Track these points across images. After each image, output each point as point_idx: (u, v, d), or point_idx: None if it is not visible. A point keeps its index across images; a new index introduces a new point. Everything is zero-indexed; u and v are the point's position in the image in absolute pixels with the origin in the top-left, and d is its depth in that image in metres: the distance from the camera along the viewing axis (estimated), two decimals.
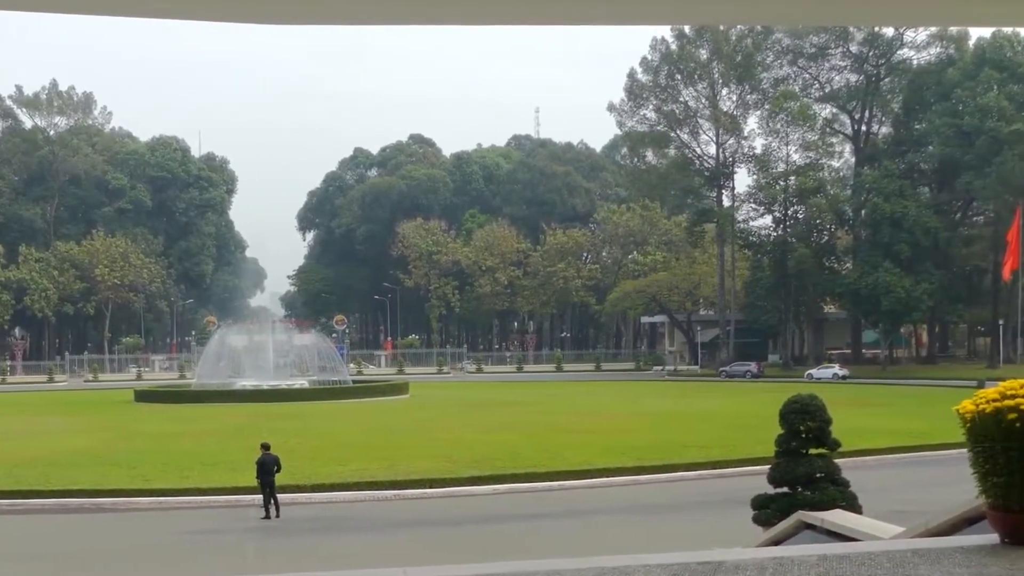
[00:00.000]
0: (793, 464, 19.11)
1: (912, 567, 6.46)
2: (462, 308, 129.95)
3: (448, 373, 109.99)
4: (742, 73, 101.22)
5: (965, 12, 7.22)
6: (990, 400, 7.14)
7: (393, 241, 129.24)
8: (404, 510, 27.72)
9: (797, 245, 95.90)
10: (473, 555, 19.99)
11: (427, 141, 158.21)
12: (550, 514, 26.90)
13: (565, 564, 6.64)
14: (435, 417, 51.97)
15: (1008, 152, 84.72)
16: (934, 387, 68.84)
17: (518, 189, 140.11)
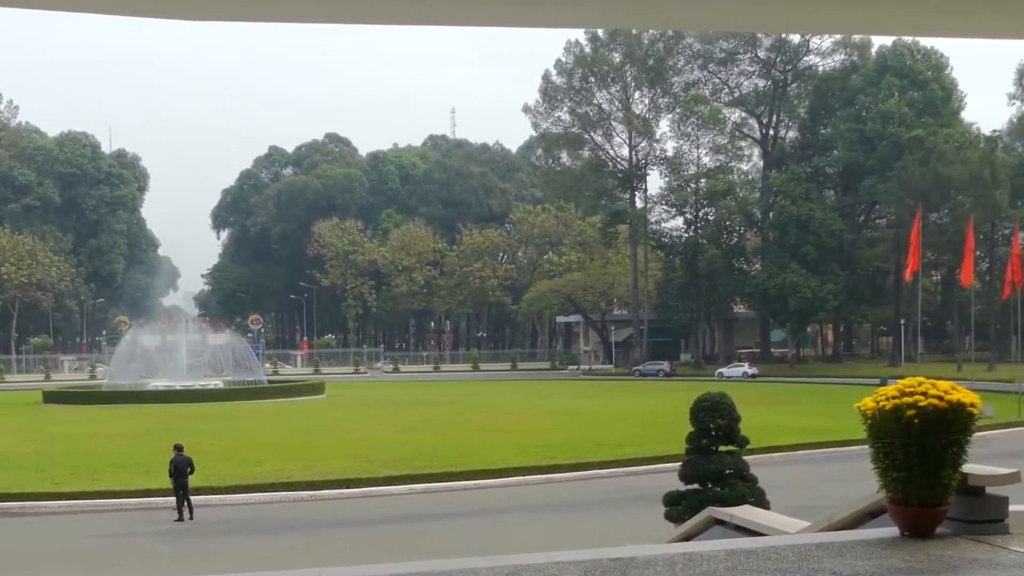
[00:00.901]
0: (703, 461, 19.45)
1: (816, 560, 6.66)
2: (379, 308, 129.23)
3: (365, 373, 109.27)
4: (654, 77, 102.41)
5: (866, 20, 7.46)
6: (890, 397, 7.39)
7: (309, 240, 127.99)
8: (320, 511, 27.51)
9: (708, 246, 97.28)
10: (389, 555, 19.95)
11: (343, 140, 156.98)
12: (466, 513, 26.94)
13: (480, 563, 6.70)
14: (352, 417, 51.63)
15: (908, 157, 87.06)
16: (839, 385, 70.28)
17: (434, 189, 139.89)
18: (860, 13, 6.91)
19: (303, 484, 29.45)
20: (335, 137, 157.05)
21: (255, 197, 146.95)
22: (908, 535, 7.34)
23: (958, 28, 7.82)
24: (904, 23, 9.28)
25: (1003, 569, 6.42)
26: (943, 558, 6.70)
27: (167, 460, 26.09)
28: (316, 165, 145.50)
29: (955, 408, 7.23)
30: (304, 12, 6.11)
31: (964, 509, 7.52)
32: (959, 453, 7.31)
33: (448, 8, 6.10)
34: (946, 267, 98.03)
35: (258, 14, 5.72)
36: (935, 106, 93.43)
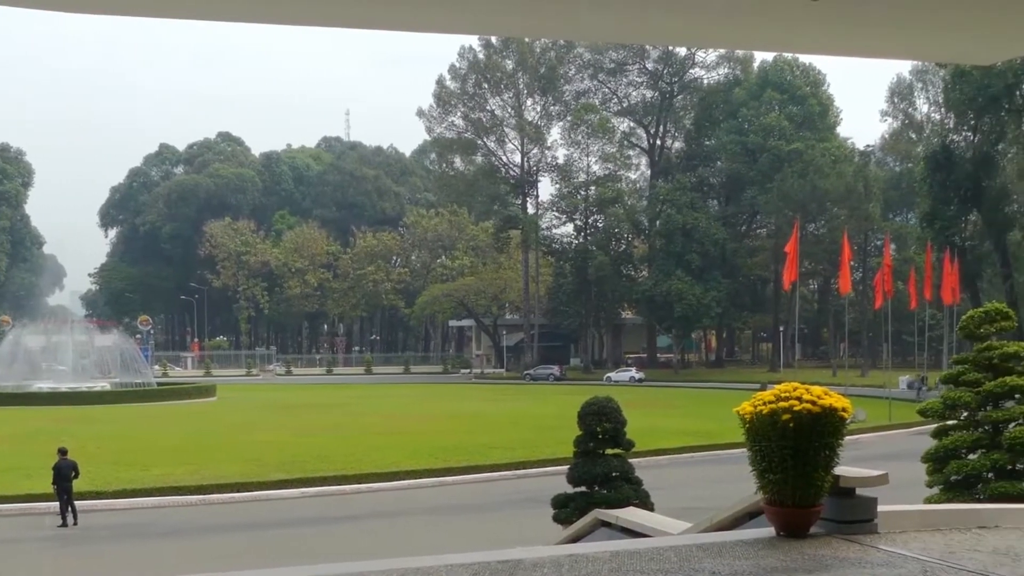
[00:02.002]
0: (591, 464, 19.67)
1: (697, 560, 6.82)
2: (271, 310, 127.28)
3: (257, 375, 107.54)
4: (546, 85, 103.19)
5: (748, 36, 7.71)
6: (766, 402, 7.60)
7: (200, 240, 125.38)
8: (210, 515, 26.99)
9: (597, 253, 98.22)
10: (280, 559, 19.73)
11: (236, 139, 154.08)
12: (358, 516, 26.75)
13: (370, 566, 6.70)
14: (243, 420, 50.74)
15: (787, 169, 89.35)
16: (722, 389, 71.53)
17: (328, 191, 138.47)
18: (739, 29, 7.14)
19: (192, 488, 28.84)
20: (228, 136, 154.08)
21: (145, 195, 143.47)
22: (784, 535, 7.57)
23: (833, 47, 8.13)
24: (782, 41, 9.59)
25: (871, 567, 6.66)
26: (816, 557, 6.91)
27: (51, 464, 25.29)
28: (208, 164, 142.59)
29: (827, 412, 7.48)
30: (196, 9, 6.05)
31: (836, 510, 7.78)
32: (831, 456, 7.56)
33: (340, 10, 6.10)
34: (822, 276, 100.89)
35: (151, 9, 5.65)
36: (813, 121, 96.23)
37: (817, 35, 7.03)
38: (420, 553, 7.49)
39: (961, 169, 69.97)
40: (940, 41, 7.37)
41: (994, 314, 19.79)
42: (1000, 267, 73.01)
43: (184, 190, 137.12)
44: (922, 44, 7.66)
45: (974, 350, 19.92)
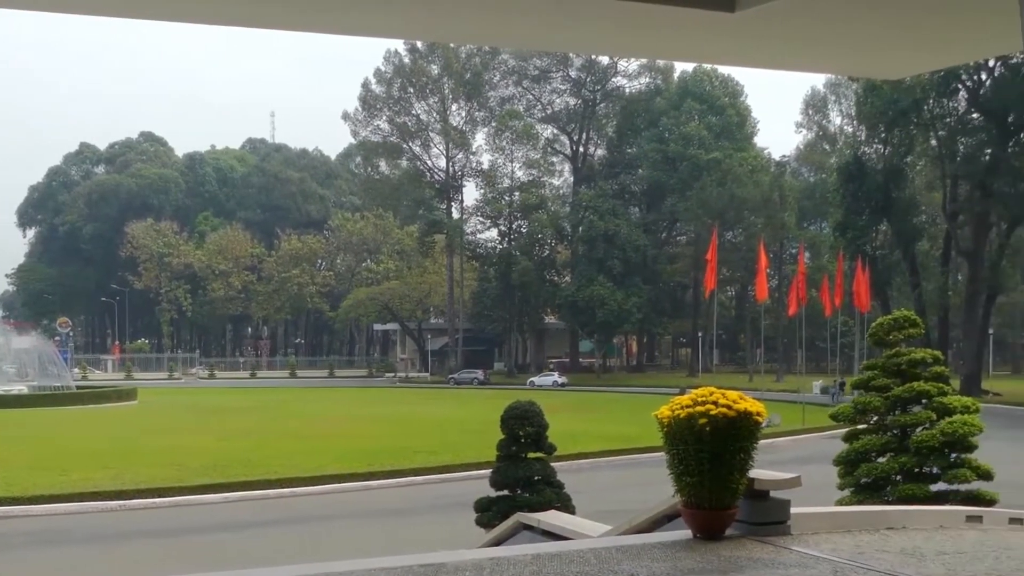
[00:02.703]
0: (513, 468, 19.71)
1: (616, 562, 6.91)
2: (194, 312, 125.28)
3: (180, 379, 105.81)
4: (471, 90, 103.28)
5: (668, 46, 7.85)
6: (684, 406, 7.72)
7: (122, 241, 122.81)
8: (130, 521, 26.47)
9: (521, 258, 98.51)
10: (201, 565, 19.43)
11: (158, 139, 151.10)
12: (282, 521, 26.47)
13: (292, 570, 6.67)
14: (165, 424, 49.84)
15: (706, 178, 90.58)
16: (642, 394, 71.98)
17: (253, 193, 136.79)
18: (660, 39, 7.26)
19: (111, 493, 28.25)
20: (150, 136, 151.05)
21: (65, 195, 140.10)
22: (700, 537, 7.69)
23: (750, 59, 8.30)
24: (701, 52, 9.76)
25: (784, 568, 6.80)
26: (731, 559, 7.03)
27: None
28: (130, 164, 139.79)
29: (742, 417, 7.62)
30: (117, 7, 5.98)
31: (751, 512, 7.92)
32: (746, 459, 7.70)
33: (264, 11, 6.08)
34: (740, 283, 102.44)
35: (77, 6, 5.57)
36: (731, 131, 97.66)
37: (734, 47, 7.18)
38: (344, 557, 7.47)
39: (872, 180, 71.55)
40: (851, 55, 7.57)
41: (902, 321, 20.30)
42: (909, 276, 74.85)
43: (105, 190, 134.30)
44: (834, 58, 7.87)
45: (883, 356, 20.39)
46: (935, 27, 6.41)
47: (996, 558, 7.56)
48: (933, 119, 71.40)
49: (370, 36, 7.49)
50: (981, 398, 52.45)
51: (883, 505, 16.45)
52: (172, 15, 5.89)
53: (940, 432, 18.94)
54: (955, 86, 69.02)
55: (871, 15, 6.09)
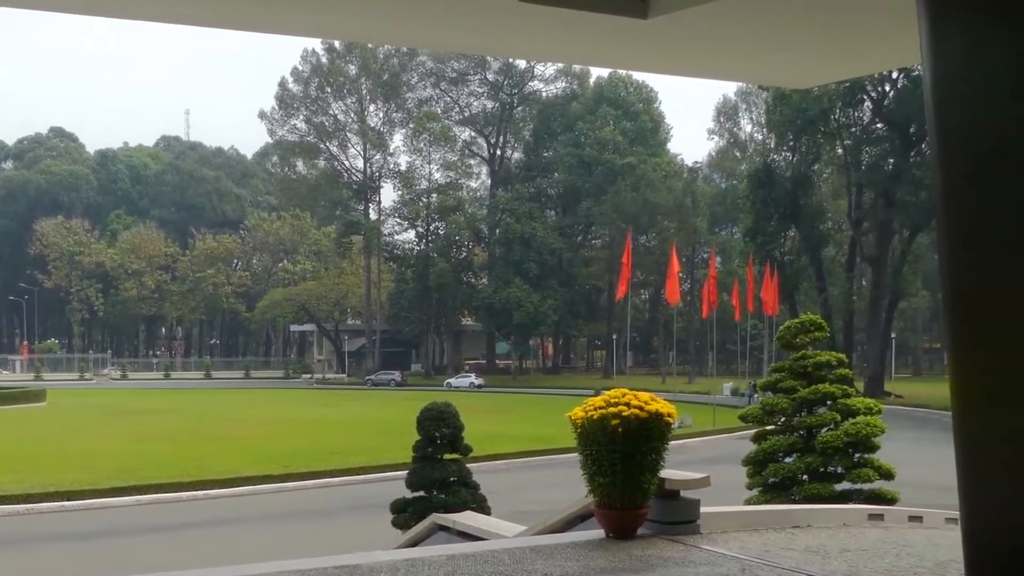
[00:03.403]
0: (429, 469, 19.69)
1: (530, 562, 6.93)
2: (106, 312, 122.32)
3: (91, 380, 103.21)
4: (389, 91, 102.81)
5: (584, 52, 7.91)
6: (597, 408, 7.78)
7: (31, 239, 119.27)
8: (38, 525, 25.78)
9: (438, 260, 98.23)
10: (111, 570, 19.03)
11: (69, 135, 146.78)
12: (195, 524, 26.01)
13: (204, 574, 6.55)
14: (75, 426, 48.62)
15: (621, 182, 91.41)
16: (558, 395, 72.17)
17: (167, 191, 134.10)
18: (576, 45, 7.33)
19: (19, 497, 27.47)
20: (60, 132, 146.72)
21: None
22: (613, 536, 7.75)
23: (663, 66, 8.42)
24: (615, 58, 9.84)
25: (694, 566, 6.89)
26: (643, 557, 7.10)
27: None
28: (39, 160, 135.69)
29: (654, 418, 7.70)
30: None
31: (662, 511, 8.01)
32: (657, 459, 7.78)
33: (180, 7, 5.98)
34: (653, 287, 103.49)
35: None
36: (645, 136, 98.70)
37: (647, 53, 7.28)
38: (257, 560, 7.37)
39: (781, 187, 72.91)
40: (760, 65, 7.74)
41: (809, 325, 20.74)
42: (815, 281, 76.47)
43: (13, 186, 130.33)
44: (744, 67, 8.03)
45: (790, 359, 20.79)
46: (840, 39, 6.58)
47: (896, 555, 7.77)
48: (839, 128, 73.09)
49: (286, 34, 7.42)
50: (884, 400, 53.77)
51: (790, 504, 16.77)
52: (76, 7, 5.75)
53: (844, 433, 19.39)
54: (860, 97, 70.80)
55: (779, 26, 6.22)
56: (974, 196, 3.12)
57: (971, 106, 3.10)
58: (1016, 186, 2.96)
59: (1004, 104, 3.00)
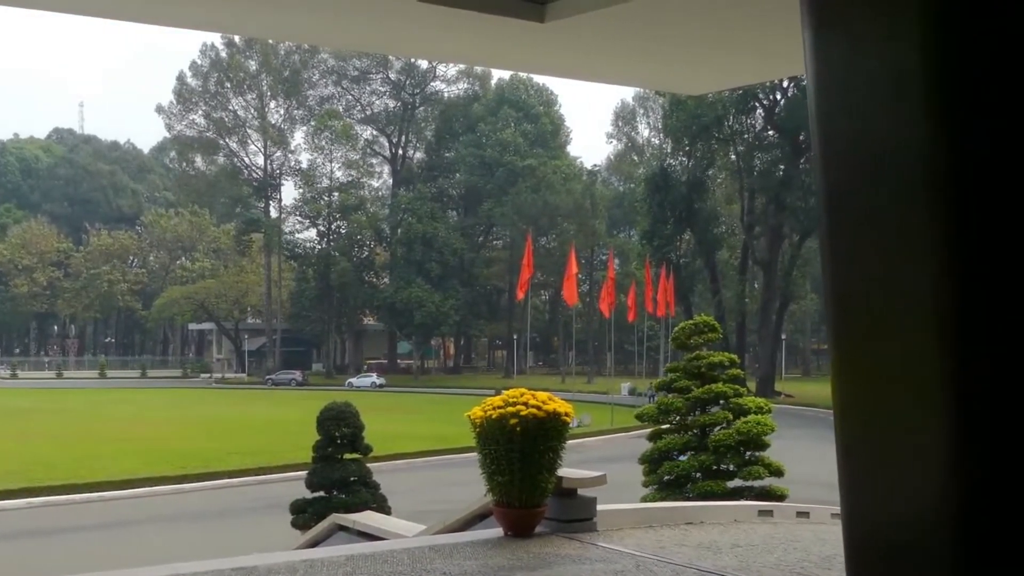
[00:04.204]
0: (329, 469, 19.52)
1: (429, 561, 6.92)
2: None
3: None
4: (290, 88, 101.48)
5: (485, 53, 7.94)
6: (495, 407, 7.82)
7: None
8: None
9: (340, 259, 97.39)
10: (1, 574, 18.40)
11: None
12: (88, 527, 25.31)
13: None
14: None
15: (522, 184, 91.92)
16: (460, 395, 72.21)
17: (60, 185, 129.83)
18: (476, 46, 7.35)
19: None
20: None
21: None
22: (511, 535, 7.79)
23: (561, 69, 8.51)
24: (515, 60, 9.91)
25: (590, 563, 6.97)
26: (540, 555, 7.15)
27: None
28: None
29: (551, 417, 7.77)
30: None
31: (559, 509, 8.09)
32: (555, 458, 7.86)
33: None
34: (553, 288, 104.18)
35: None
36: (545, 139, 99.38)
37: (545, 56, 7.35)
38: (153, 563, 7.20)
39: (677, 191, 74.12)
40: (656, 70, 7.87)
41: (702, 326, 21.15)
42: (710, 283, 77.92)
43: None
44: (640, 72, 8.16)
45: (685, 359, 21.17)
46: (732, 48, 6.72)
47: (784, 550, 7.97)
48: (733, 135, 74.62)
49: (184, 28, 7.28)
50: (774, 399, 55.06)
51: (684, 501, 17.06)
52: None
53: (736, 431, 19.82)
54: (753, 104, 72.42)
55: (673, 34, 6.34)
56: (855, 203, 3.20)
57: (852, 114, 3.18)
58: (895, 193, 3.05)
59: (885, 112, 3.08)
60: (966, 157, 2.95)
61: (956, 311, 2.93)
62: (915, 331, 3.01)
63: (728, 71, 7.79)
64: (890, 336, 3.09)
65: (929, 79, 2.98)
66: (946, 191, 2.96)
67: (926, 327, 2.99)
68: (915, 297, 3.01)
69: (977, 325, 2.94)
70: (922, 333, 3.00)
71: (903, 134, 3.04)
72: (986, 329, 2.93)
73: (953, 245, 2.96)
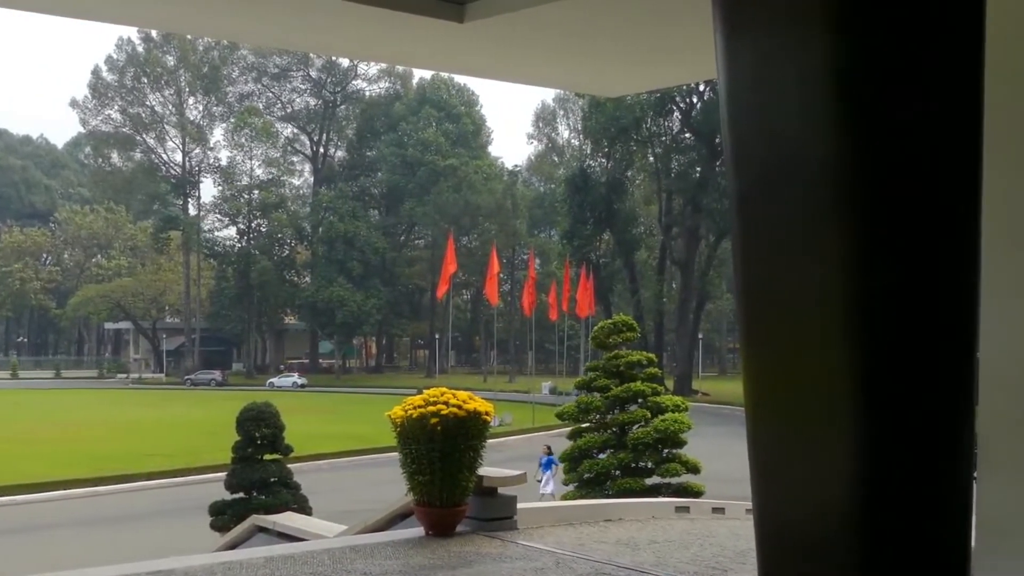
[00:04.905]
0: (249, 470, 19.29)
1: (349, 562, 6.88)
2: None
3: None
4: (209, 84, 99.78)
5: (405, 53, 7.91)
6: (416, 406, 7.82)
7: None
8: None
9: (260, 257, 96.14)
10: None
11: None
12: (1, 531, 24.58)
13: None
14: None
15: (443, 183, 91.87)
16: (382, 395, 71.76)
17: None
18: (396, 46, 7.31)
19: None
20: None
21: None
22: (432, 534, 7.79)
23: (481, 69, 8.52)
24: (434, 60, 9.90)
25: (510, 561, 6.99)
26: (461, 554, 7.16)
27: None
28: None
29: (472, 416, 7.79)
30: None
31: (480, 508, 8.10)
32: (476, 457, 7.88)
33: None
34: (475, 287, 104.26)
35: None
36: (467, 138, 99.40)
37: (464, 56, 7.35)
38: (68, 567, 7.03)
39: (596, 192, 74.69)
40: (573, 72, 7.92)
41: (621, 325, 21.35)
42: (629, 283, 78.68)
43: None
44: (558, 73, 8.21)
45: (604, 358, 21.34)
46: (649, 51, 6.80)
47: (700, 545, 8.08)
48: (651, 137, 75.49)
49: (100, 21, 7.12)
50: (691, 397, 55.86)
51: (603, 499, 17.21)
52: None
53: (654, 429, 20.06)
54: (670, 107, 73.33)
55: (591, 37, 6.39)
56: (764, 204, 3.26)
57: (761, 118, 3.24)
58: (802, 195, 3.11)
59: (792, 117, 3.15)
60: (869, 160, 3.03)
61: (862, 309, 3.01)
62: (823, 329, 3.08)
63: (645, 74, 7.88)
64: (799, 334, 3.15)
65: (834, 86, 3.05)
66: (851, 193, 3.03)
67: (833, 325, 3.06)
68: (823, 296, 3.08)
69: (882, 323, 3.01)
70: (829, 331, 3.07)
71: (810, 138, 3.11)
72: (890, 326, 3.01)
73: (858, 245, 3.03)
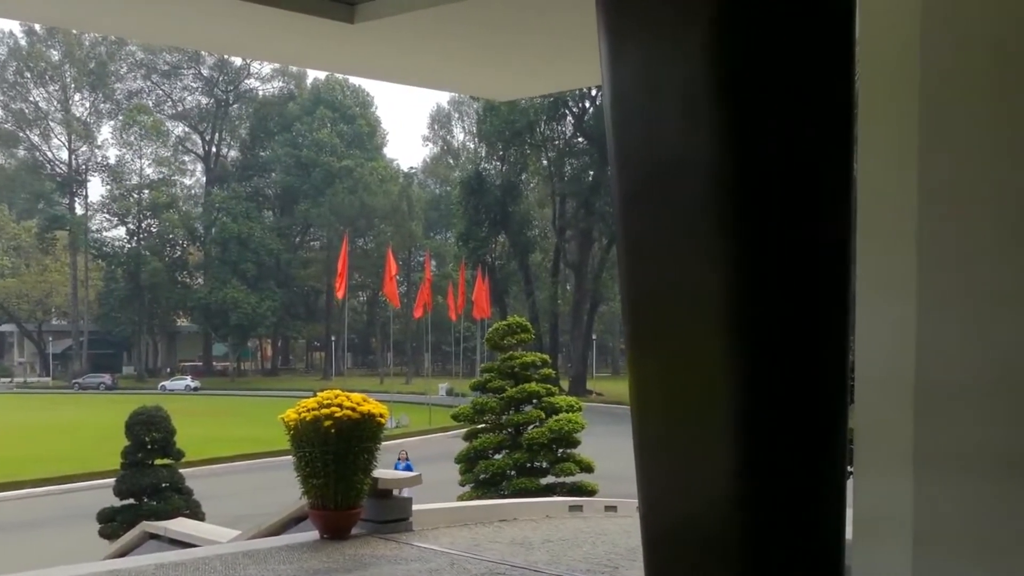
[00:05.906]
0: (139, 475, 18.83)
1: (242, 568, 6.78)
2: None
3: None
4: (96, 81, 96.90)
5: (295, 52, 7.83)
6: (310, 409, 7.76)
7: None
8: None
9: (151, 258, 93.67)
10: None
11: None
12: None
13: None
14: None
15: (339, 185, 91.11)
16: (277, 397, 70.75)
17: None
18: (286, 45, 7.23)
19: None
20: None
21: None
22: (327, 537, 7.73)
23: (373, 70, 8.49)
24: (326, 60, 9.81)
25: (406, 563, 6.98)
26: (356, 557, 7.12)
27: None
28: None
29: (366, 418, 7.76)
30: None
31: (375, 511, 8.07)
32: (370, 459, 7.85)
33: None
34: (371, 289, 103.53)
35: None
36: (362, 140, 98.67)
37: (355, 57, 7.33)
38: None
39: (491, 195, 75.01)
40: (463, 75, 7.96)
41: (515, 327, 21.47)
42: (524, 285, 79.13)
43: None
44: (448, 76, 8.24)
45: (499, 360, 21.44)
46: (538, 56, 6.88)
47: (593, 543, 8.19)
48: (544, 140, 76.11)
49: None
50: (585, 398, 56.48)
51: (499, 499, 17.28)
52: None
53: (549, 429, 20.22)
54: (563, 111, 74.07)
55: (481, 41, 6.43)
56: (647, 209, 3.32)
57: (645, 124, 3.30)
58: (684, 197, 3.18)
59: (674, 122, 3.21)
60: (750, 166, 3.11)
61: (742, 312, 3.09)
62: (704, 332, 3.16)
63: (537, 78, 7.95)
64: (681, 336, 3.22)
65: (716, 91, 3.13)
66: (732, 198, 3.11)
67: (715, 328, 3.14)
68: (704, 299, 3.15)
69: (762, 326, 3.10)
70: (711, 333, 3.14)
71: (692, 144, 3.18)
72: (770, 326, 3.09)
73: (738, 246, 3.11)
